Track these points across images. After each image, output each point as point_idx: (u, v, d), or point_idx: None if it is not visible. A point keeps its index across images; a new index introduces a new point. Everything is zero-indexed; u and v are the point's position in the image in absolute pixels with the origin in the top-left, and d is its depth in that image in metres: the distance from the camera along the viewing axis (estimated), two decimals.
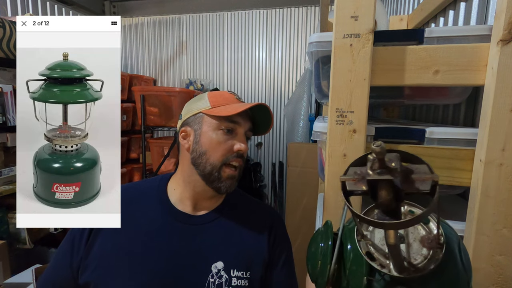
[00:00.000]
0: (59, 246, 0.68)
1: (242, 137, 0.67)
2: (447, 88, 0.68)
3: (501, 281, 0.54)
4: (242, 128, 0.67)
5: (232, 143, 0.65)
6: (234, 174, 0.66)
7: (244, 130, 0.67)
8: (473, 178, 0.56)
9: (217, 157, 0.65)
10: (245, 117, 0.67)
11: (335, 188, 0.60)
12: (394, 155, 0.30)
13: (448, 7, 1.02)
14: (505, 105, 0.50)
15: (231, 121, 0.65)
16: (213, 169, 0.65)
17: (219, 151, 0.65)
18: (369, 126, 0.60)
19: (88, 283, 0.62)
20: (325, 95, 0.70)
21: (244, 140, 0.67)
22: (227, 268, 0.64)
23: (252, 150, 3.17)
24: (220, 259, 0.64)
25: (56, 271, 0.67)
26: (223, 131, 0.65)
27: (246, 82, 3.09)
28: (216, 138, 0.65)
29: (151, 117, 2.41)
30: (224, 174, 0.65)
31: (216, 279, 0.63)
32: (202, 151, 0.66)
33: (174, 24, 3.18)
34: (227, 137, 0.65)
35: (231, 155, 0.65)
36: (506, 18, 0.49)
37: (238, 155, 0.65)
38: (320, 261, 0.38)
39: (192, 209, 0.68)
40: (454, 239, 0.37)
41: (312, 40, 0.65)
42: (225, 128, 0.65)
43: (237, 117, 0.65)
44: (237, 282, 0.63)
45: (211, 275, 0.63)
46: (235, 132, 0.66)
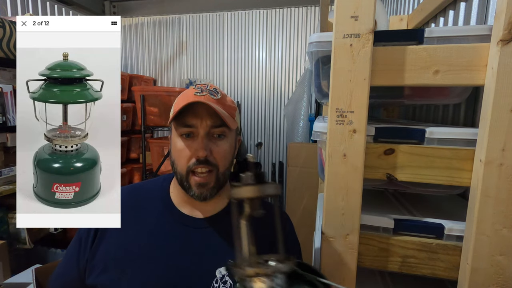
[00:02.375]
0: (69, 246, 0.69)
1: (201, 141, 0.60)
2: (447, 88, 0.68)
3: (501, 281, 0.54)
4: (201, 129, 0.60)
5: (192, 148, 0.60)
6: (202, 182, 0.61)
7: (205, 130, 0.60)
8: (473, 178, 0.56)
9: (181, 166, 0.61)
10: (204, 116, 0.60)
11: (335, 188, 0.60)
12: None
13: (448, 7, 1.02)
14: (505, 105, 0.50)
15: (185, 125, 0.60)
16: (182, 179, 0.62)
17: (182, 159, 0.61)
18: (369, 126, 0.60)
19: (94, 285, 0.62)
20: (325, 95, 0.70)
21: (201, 144, 0.59)
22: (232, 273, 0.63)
23: (252, 150, 3.17)
24: (224, 264, 0.63)
25: (65, 270, 0.68)
26: (183, 137, 0.61)
27: (246, 82, 3.09)
28: (178, 145, 0.61)
29: (151, 117, 2.41)
30: (192, 182, 0.61)
31: (221, 284, 0.62)
32: (172, 161, 0.64)
33: (174, 24, 3.18)
34: (188, 142, 0.61)
35: (192, 163, 0.60)
36: (506, 18, 0.49)
37: (199, 161, 0.60)
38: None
39: (193, 211, 0.67)
40: None
41: (312, 40, 0.65)
42: (181, 133, 0.61)
43: (190, 119, 0.60)
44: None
45: (215, 280, 0.62)
46: (194, 135, 0.61)
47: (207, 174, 0.61)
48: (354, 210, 0.59)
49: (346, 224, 0.60)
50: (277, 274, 0.40)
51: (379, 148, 0.60)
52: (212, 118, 0.60)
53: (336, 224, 0.61)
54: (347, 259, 0.61)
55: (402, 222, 0.63)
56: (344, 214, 0.60)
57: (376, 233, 0.63)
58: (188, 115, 0.60)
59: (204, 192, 0.61)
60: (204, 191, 0.62)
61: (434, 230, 0.61)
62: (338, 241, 0.61)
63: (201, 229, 0.66)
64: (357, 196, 0.59)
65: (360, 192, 0.59)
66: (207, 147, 0.60)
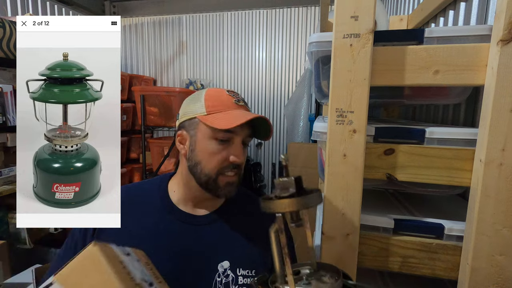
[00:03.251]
0: (62, 246, 0.68)
1: (239, 147, 0.63)
2: (447, 88, 0.68)
3: (501, 281, 0.54)
4: (239, 137, 0.63)
5: (228, 153, 0.62)
6: (232, 181, 0.64)
7: (242, 138, 0.64)
8: (473, 178, 0.56)
9: (211, 168, 0.63)
10: (243, 125, 0.63)
11: (335, 188, 0.60)
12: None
13: (448, 7, 1.02)
14: (505, 105, 0.50)
15: (227, 131, 0.62)
16: (209, 179, 0.63)
17: (213, 162, 0.62)
18: (369, 126, 0.60)
19: None
20: (325, 95, 0.70)
21: (240, 150, 0.63)
22: (233, 267, 0.64)
23: (252, 150, 3.17)
24: (226, 259, 0.64)
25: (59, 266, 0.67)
26: (218, 141, 0.62)
27: (246, 82, 3.09)
28: (210, 148, 0.62)
29: (151, 117, 2.41)
30: (221, 182, 0.63)
31: (223, 278, 0.63)
32: (197, 161, 0.64)
33: (174, 24, 3.18)
34: (222, 147, 0.62)
35: (226, 167, 0.63)
36: (506, 18, 0.49)
37: (234, 166, 0.63)
38: None
39: (195, 209, 0.68)
40: None
41: (312, 40, 0.65)
42: (220, 138, 0.62)
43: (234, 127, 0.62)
44: (244, 280, 0.64)
45: (218, 274, 0.63)
46: (231, 141, 0.63)
47: (236, 175, 0.65)
48: (354, 210, 0.59)
49: (346, 224, 0.60)
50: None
51: (379, 148, 0.60)
52: (249, 129, 0.65)
53: (336, 224, 0.61)
54: (347, 259, 0.61)
55: (402, 222, 0.63)
56: (344, 214, 0.60)
57: (376, 233, 0.63)
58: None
59: (232, 190, 0.65)
60: (232, 189, 0.65)
61: (434, 230, 0.61)
62: (338, 241, 0.61)
63: (201, 226, 0.66)
64: (357, 196, 0.59)
65: (360, 192, 0.59)
66: (244, 154, 0.65)
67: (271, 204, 0.37)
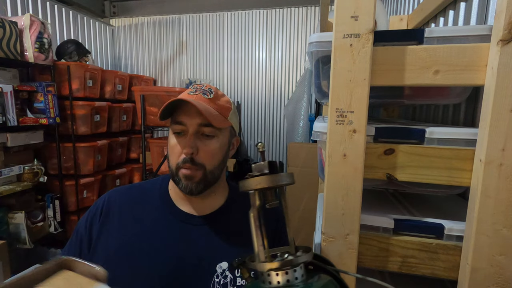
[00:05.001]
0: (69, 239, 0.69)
1: (189, 139, 0.61)
2: (447, 88, 0.68)
3: (501, 281, 0.54)
4: (190, 127, 0.62)
5: (181, 145, 0.62)
6: (188, 175, 0.62)
7: (194, 129, 0.61)
8: (473, 178, 0.56)
9: (172, 161, 0.64)
10: (193, 114, 0.61)
11: (335, 188, 0.60)
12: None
13: (448, 7, 1.02)
14: (505, 105, 0.50)
15: (175, 122, 0.62)
16: (173, 173, 0.64)
17: (173, 155, 0.64)
18: (369, 126, 0.60)
19: None
20: (325, 95, 0.70)
21: (189, 142, 0.61)
22: (232, 268, 0.64)
23: (252, 150, 3.17)
24: (224, 259, 0.64)
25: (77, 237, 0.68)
26: (175, 134, 0.63)
27: (246, 82, 3.09)
28: (171, 141, 0.64)
29: (151, 117, 2.41)
30: (180, 175, 0.63)
31: (221, 279, 0.63)
32: (167, 157, 0.66)
33: (174, 24, 3.18)
34: (178, 139, 0.63)
35: (180, 160, 0.62)
36: (506, 18, 0.48)
37: (185, 160, 0.61)
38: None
39: (194, 209, 0.68)
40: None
41: (312, 40, 0.65)
42: (173, 130, 0.63)
43: (181, 117, 0.62)
44: (242, 281, 0.64)
45: (216, 275, 0.63)
46: (185, 133, 0.63)
47: (194, 168, 0.62)
48: (354, 210, 0.59)
49: (346, 224, 0.60)
50: (296, 266, 0.39)
51: (379, 148, 0.60)
52: (201, 117, 0.61)
53: (336, 224, 0.61)
54: (347, 259, 0.61)
55: (402, 222, 0.63)
56: (344, 214, 0.60)
57: (376, 233, 0.63)
58: (180, 113, 0.62)
59: (189, 184, 0.63)
60: (190, 184, 0.63)
61: (434, 230, 0.61)
62: (338, 241, 0.61)
63: (200, 226, 0.66)
64: (357, 196, 0.59)
65: (360, 192, 0.59)
66: (194, 145, 0.61)
67: (246, 182, 0.40)
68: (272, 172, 0.40)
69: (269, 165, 0.40)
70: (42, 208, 2.11)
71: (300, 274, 0.39)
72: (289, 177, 0.41)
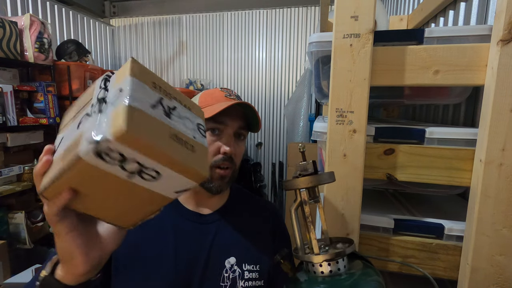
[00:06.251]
0: None
1: (229, 138, 0.64)
2: (447, 88, 0.68)
3: (501, 281, 0.54)
4: (229, 128, 0.64)
5: (219, 145, 0.63)
6: (224, 175, 0.64)
7: (233, 130, 0.64)
8: (473, 178, 0.56)
9: None
10: (234, 116, 0.64)
11: (335, 188, 0.60)
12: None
13: (448, 7, 1.02)
14: (505, 105, 0.50)
15: (215, 122, 0.63)
16: None
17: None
18: (369, 126, 0.60)
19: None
20: (325, 95, 0.70)
21: (231, 141, 0.64)
22: (239, 262, 0.66)
23: (252, 150, 3.17)
24: (232, 255, 0.66)
25: None
26: (209, 132, 0.63)
27: (246, 82, 3.09)
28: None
29: None
30: (213, 175, 0.64)
31: (230, 274, 0.65)
32: None
33: (174, 24, 3.18)
34: (214, 138, 0.63)
35: (219, 158, 0.63)
36: (506, 18, 0.49)
37: (225, 158, 0.63)
38: None
39: (199, 208, 0.69)
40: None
41: (312, 40, 0.65)
42: (209, 129, 0.63)
43: (222, 117, 0.62)
44: (249, 275, 0.66)
45: (225, 270, 0.65)
46: (222, 133, 0.64)
47: (231, 167, 0.65)
48: (354, 210, 0.59)
49: (346, 224, 0.60)
50: (344, 256, 0.45)
51: (379, 148, 0.60)
52: (242, 120, 0.65)
53: (336, 224, 0.61)
54: None
55: (402, 222, 0.63)
56: (344, 214, 0.60)
57: (376, 233, 0.63)
58: (221, 113, 0.62)
59: (222, 185, 0.65)
60: (223, 184, 0.65)
61: (434, 230, 0.61)
62: None
63: (208, 224, 0.68)
64: (357, 196, 0.59)
65: (360, 192, 0.59)
66: (234, 146, 0.65)
67: (294, 182, 0.45)
68: (315, 171, 0.46)
69: (313, 165, 0.46)
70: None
71: (343, 264, 0.45)
72: (330, 176, 0.46)
